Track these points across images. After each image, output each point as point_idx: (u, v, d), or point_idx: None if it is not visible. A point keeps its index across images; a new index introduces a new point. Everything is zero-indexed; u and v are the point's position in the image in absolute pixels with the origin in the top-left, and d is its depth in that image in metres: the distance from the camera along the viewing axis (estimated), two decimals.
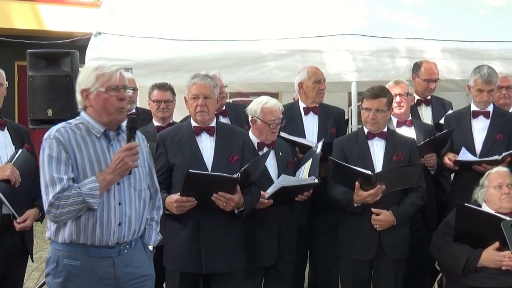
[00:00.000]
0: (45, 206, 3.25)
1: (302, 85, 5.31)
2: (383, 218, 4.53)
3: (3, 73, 4.69)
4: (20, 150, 4.51)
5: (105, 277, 3.35)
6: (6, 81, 4.72)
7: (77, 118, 3.43)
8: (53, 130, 3.34)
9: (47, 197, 3.24)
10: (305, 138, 5.17)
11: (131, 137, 3.40)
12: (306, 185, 4.52)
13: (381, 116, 4.65)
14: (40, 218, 4.65)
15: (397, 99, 5.22)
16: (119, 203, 3.36)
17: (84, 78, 3.38)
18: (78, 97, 3.41)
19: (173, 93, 5.29)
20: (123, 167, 3.30)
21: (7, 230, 4.44)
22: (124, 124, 3.47)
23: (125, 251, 3.42)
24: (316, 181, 4.49)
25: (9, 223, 4.44)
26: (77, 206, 3.23)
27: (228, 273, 4.27)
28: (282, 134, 4.90)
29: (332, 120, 5.34)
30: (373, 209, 4.52)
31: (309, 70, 5.32)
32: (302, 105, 5.35)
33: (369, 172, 4.46)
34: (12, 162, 4.39)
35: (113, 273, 3.37)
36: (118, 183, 3.37)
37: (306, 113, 5.31)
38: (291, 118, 5.19)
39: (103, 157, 3.36)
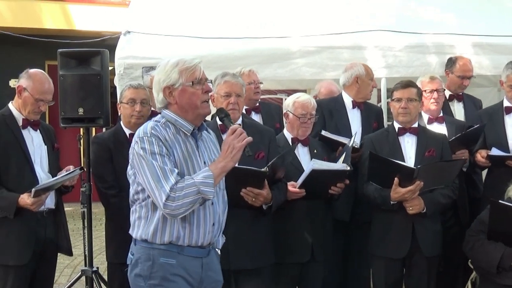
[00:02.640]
0: (161, 201, 3.06)
1: (358, 79, 5.29)
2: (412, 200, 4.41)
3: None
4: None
5: (193, 278, 3.26)
6: None
7: (160, 116, 3.29)
8: (147, 128, 3.19)
9: (162, 190, 3.05)
10: (350, 131, 5.14)
11: (229, 122, 3.34)
12: (338, 171, 4.42)
13: (413, 106, 4.60)
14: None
15: (435, 95, 5.15)
16: (212, 203, 3.25)
17: (165, 75, 3.23)
18: (159, 96, 3.25)
19: None
20: (233, 151, 3.15)
21: (41, 226, 4.52)
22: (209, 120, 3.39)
23: (211, 252, 3.34)
24: (348, 168, 4.41)
25: (43, 218, 4.51)
26: (191, 197, 3.06)
27: (256, 270, 4.25)
28: (323, 132, 4.87)
29: (375, 116, 5.38)
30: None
31: (365, 67, 5.36)
32: (349, 98, 5.32)
33: (412, 166, 4.40)
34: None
35: (200, 274, 3.28)
36: None
37: (353, 107, 5.30)
38: (337, 111, 5.22)
39: (194, 156, 3.24)
